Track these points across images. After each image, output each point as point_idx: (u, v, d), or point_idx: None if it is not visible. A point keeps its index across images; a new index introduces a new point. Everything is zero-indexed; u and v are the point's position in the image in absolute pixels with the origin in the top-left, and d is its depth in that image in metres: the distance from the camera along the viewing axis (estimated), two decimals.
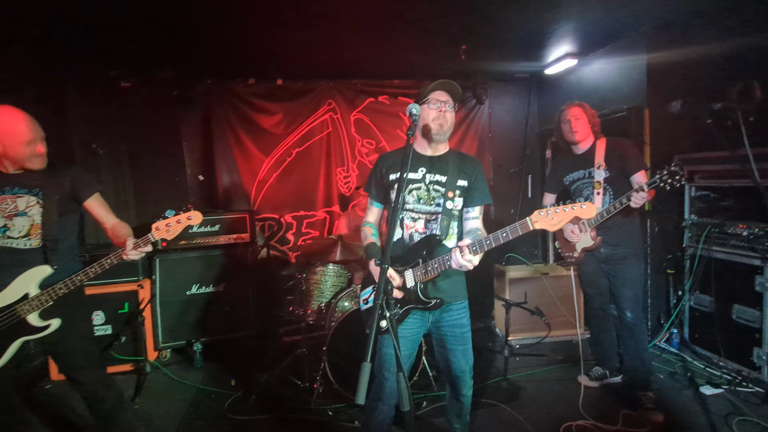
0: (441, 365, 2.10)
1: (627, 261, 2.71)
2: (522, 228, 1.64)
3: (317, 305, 3.28)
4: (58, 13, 2.73)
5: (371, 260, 1.91)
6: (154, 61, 3.83)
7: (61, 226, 2.05)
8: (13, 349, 1.93)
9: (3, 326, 1.88)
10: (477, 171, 1.99)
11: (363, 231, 2.06)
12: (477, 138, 4.98)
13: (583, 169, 2.78)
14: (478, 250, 1.68)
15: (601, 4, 2.90)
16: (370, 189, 2.08)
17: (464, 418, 2.16)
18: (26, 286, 1.92)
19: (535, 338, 3.78)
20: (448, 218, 1.92)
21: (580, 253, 2.81)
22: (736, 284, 3.03)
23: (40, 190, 2.01)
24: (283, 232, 4.71)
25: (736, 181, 3.04)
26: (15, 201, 1.98)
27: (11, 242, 1.96)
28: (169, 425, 2.70)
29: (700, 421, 2.56)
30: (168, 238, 1.97)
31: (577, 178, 2.80)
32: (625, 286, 2.72)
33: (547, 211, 1.63)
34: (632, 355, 2.77)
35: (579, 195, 2.80)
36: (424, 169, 1.93)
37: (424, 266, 1.83)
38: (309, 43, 3.49)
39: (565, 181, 2.88)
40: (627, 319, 2.72)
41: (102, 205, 2.15)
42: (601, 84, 3.97)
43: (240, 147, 4.54)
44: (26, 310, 1.91)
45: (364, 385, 1.07)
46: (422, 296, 1.85)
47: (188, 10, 2.78)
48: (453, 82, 1.89)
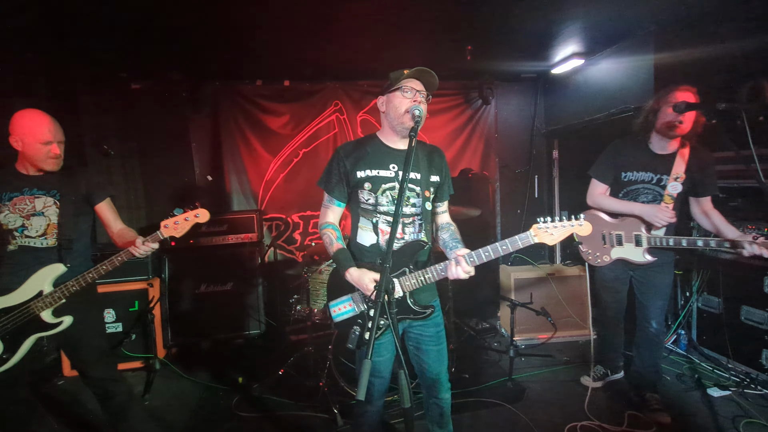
0: (416, 369, 1.94)
1: (661, 270, 2.54)
2: (523, 242, 1.60)
3: (323, 304, 3.31)
4: (71, 16, 2.79)
5: (347, 269, 1.71)
6: (164, 63, 3.89)
7: (75, 226, 2.11)
8: (28, 345, 1.98)
9: (18, 322, 1.94)
10: (444, 163, 1.89)
11: (325, 234, 1.83)
12: (483, 138, 4.97)
13: (654, 173, 2.42)
14: (476, 260, 1.62)
15: (608, 3, 2.88)
16: (329, 185, 1.83)
17: (446, 427, 1.98)
18: (40, 284, 1.98)
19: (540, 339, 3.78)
20: (429, 222, 1.81)
21: (610, 261, 2.57)
22: (744, 285, 3.00)
23: (57, 191, 2.09)
24: (290, 232, 4.76)
25: (745, 182, 3.00)
26: (33, 201, 2.05)
27: (29, 241, 2.03)
28: (177, 421, 2.75)
29: (707, 423, 2.55)
30: (176, 235, 2.00)
31: (641, 180, 2.45)
32: (656, 296, 2.57)
33: (546, 227, 1.61)
34: (647, 363, 2.67)
35: (633, 199, 2.47)
36: (395, 165, 1.77)
37: (413, 275, 1.71)
38: (316, 45, 3.53)
39: (624, 177, 2.50)
40: (651, 328, 2.59)
41: (111, 210, 2.23)
42: (608, 84, 3.94)
43: (248, 148, 4.60)
44: (40, 307, 1.96)
45: (365, 381, 1.09)
46: (414, 307, 1.74)
47: (197, 14, 2.83)
48: (431, 71, 1.71)
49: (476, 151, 4.96)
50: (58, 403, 2.98)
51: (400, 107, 1.70)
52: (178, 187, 4.49)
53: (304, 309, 3.28)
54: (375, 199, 1.77)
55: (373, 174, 1.76)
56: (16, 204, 2.03)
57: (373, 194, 1.77)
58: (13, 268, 2.00)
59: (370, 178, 1.76)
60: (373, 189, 1.77)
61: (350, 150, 1.82)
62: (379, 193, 1.76)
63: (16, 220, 2.02)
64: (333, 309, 1.82)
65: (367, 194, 1.78)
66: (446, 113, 4.83)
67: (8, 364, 1.94)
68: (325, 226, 1.85)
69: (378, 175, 1.76)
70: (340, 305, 1.81)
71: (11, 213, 2.02)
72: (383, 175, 1.76)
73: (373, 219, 1.79)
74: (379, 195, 1.76)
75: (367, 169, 1.77)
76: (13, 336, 1.94)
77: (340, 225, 1.90)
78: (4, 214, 2.02)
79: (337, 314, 1.80)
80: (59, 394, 3.11)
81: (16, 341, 1.95)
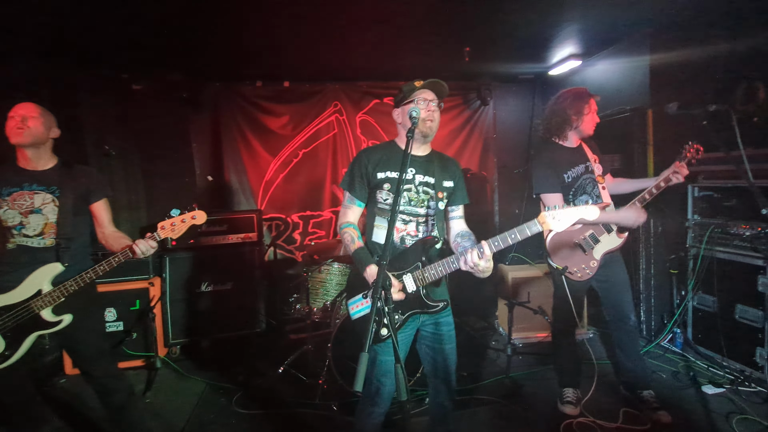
0: (427, 368, 2.00)
1: (619, 262, 2.61)
2: (531, 229, 1.62)
3: (323, 303, 3.34)
4: (72, 17, 2.82)
5: (367, 266, 1.77)
6: (165, 64, 3.93)
7: (74, 225, 2.10)
8: (28, 343, 2.00)
9: (18, 321, 1.96)
10: (459, 171, 2.04)
11: (346, 233, 1.90)
12: (481, 139, 5.01)
13: (581, 163, 2.59)
14: (493, 248, 1.65)
15: (605, 6, 2.92)
16: (352, 186, 1.93)
17: (449, 425, 2.05)
18: (39, 283, 1.99)
19: (537, 337, 3.81)
20: (441, 220, 1.91)
21: (599, 261, 2.52)
22: (739, 284, 3.03)
23: (57, 188, 2.08)
24: (289, 232, 4.79)
25: (739, 182, 3.04)
26: (32, 197, 2.05)
27: (26, 240, 2.04)
28: (178, 419, 2.77)
29: (701, 420, 2.58)
30: (173, 237, 2.01)
31: (579, 173, 2.57)
32: (625, 289, 2.61)
33: (553, 214, 1.59)
34: (633, 357, 2.69)
35: (583, 192, 2.55)
36: (413, 169, 1.90)
37: (424, 270, 1.78)
38: (315, 46, 3.56)
39: (566, 178, 2.56)
40: (631, 322, 2.61)
41: (107, 211, 2.22)
42: (604, 85, 3.98)
43: (248, 148, 4.63)
44: (39, 305, 1.97)
45: (362, 373, 1.12)
46: (427, 300, 1.83)
47: (198, 15, 2.86)
48: (441, 81, 1.86)
49: (474, 152, 5.00)
50: (59, 401, 3.00)
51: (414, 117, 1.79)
52: (178, 188, 4.52)
53: (303, 308, 3.32)
54: (393, 199, 1.86)
55: (393, 176, 1.89)
56: (16, 200, 2.02)
57: (392, 194, 1.88)
58: (12, 267, 2.01)
59: (390, 180, 1.89)
60: (392, 189, 1.88)
61: (372, 153, 1.95)
62: None
63: (15, 216, 2.02)
64: (351, 306, 1.89)
65: (386, 194, 1.90)
66: (445, 114, 4.86)
67: (10, 360, 1.96)
68: (345, 225, 1.93)
69: (397, 176, 1.86)
70: (357, 303, 1.87)
71: (10, 209, 2.02)
72: None
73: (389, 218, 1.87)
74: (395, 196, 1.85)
75: (387, 171, 1.89)
76: (14, 334, 1.96)
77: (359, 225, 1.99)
78: (3, 209, 2.01)
79: (355, 312, 1.87)
80: (61, 392, 3.14)
81: (17, 339, 1.97)
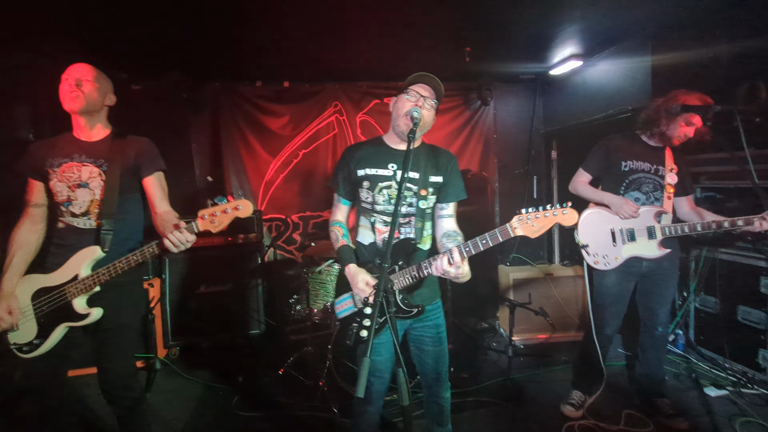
0: (418, 368, 1.95)
1: (667, 277, 2.51)
2: (502, 235, 1.55)
3: (323, 304, 3.32)
4: (72, 17, 2.81)
5: (346, 265, 1.75)
6: (164, 64, 3.91)
7: (120, 205, 1.92)
8: (59, 334, 1.85)
9: (52, 306, 1.83)
10: (452, 165, 1.87)
11: (332, 231, 1.88)
12: (482, 139, 4.99)
13: (651, 163, 2.44)
14: (464, 254, 1.57)
15: (606, 6, 2.91)
16: (337, 184, 1.89)
17: (446, 426, 2.00)
18: (76, 267, 1.83)
19: (539, 339, 3.80)
20: (422, 219, 1.81)
21: (622, 260, 2.44)
22: (741, 286, 3.02)
23: (105, 161, 1.91)
24: (289, 233, 4.77)
25: (742, 183, 3.02)
26: (80, 170, 1.89)
27: (73, 220, 1.89)
28: (178, 420, 2.76)
29: (704, 422, 2.57)
30: (213, 230, 1.73)
31: (641, 169, 2.44)
32: (664, 304, 2.55)
33: (527, 217, 1.52)
34: (653, 364, 2.65)
35: (637, 189, 2.44)
36: (395, 165, 1.79)
37: (401, 273, 1.71)
38: (315, 46, 3.54)
39: (623, 166, 2.46)
40: (657, 333, 2.58)
41: (160, 187, 2.02)
42: (606, 85, 3.97)
43: (248, 148, 4.61)
44: (73, 292, 1.81)
45: (364, 379, 1.11)
46: (403, 305, 1.72)
47: (197, 15, 2.85)
48: (437, 78, 1.74)
49: (475, 152, 4.98)
50: None
51: (401, 109, 1.75)
52: (178, 188, 4.49)
53: (303, 309, 3.30)
54: (372, 198, 1.80)
55: (372, 172, 1.80)
56: (65, 171, 1.88)
57: (371, 192, 1.80)
58: (58, 248, 1.89)
59: (369, 177, 1.80)
60: (371, 187, 1.80)
61: (355, 150, 1.88)
62: (376, 191, 1.79)
63: (63, 190, 1.88)
64: (337, 306, 1.87)
65: (366, 192, 1.82)
66: (445, 114, 4.85)
67: (38, 350, 1.83)
68: (332, 224, 1.91)
69: (376, 173, 1.79)
70: (343, 302, 1.85)
71: (59, 181, 1.88)
72: (381, 174, 1.79)
73: (370, 218, 1.82)
74: (376, 193, 1.79)
75: (367, 168, 1.81)
76: (47, 320, 1.84)
77: (348, 223, 1.95)
78: (53, 182, 1.88)
79: (340, 311, 1.85)
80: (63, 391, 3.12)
81: (48, 327, 1.84)
